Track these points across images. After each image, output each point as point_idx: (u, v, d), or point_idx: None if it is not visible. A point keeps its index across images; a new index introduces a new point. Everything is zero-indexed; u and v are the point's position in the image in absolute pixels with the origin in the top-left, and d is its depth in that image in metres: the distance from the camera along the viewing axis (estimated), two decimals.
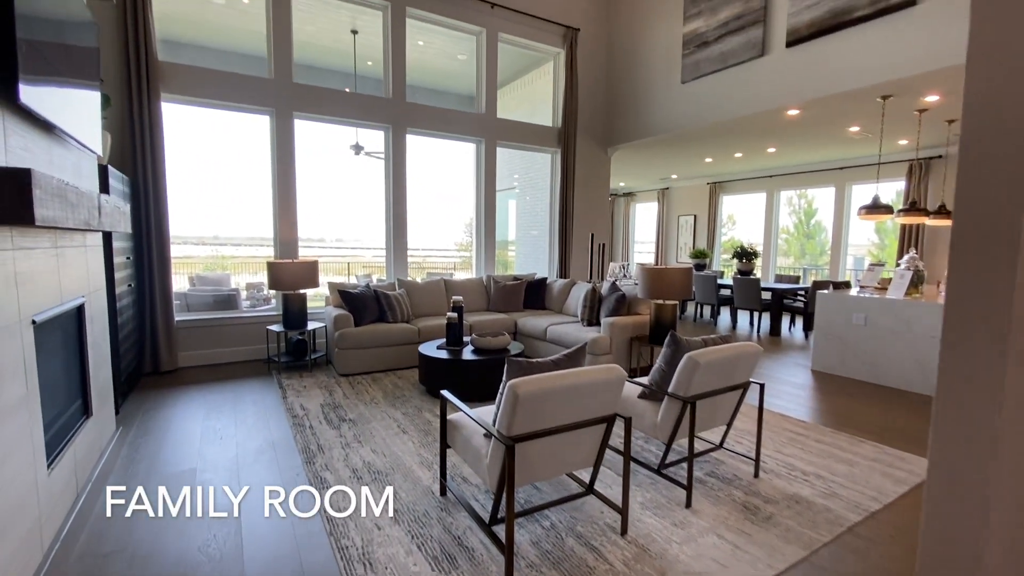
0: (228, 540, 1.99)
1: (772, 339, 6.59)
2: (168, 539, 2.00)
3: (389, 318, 4.64)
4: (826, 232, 12.81)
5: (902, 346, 4.25)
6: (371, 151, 7.26)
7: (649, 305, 4.22)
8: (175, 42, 6.99)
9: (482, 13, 5.84)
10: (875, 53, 4.16)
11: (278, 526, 2.09)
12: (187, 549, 1.94)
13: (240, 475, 2.54)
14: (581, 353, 2.08)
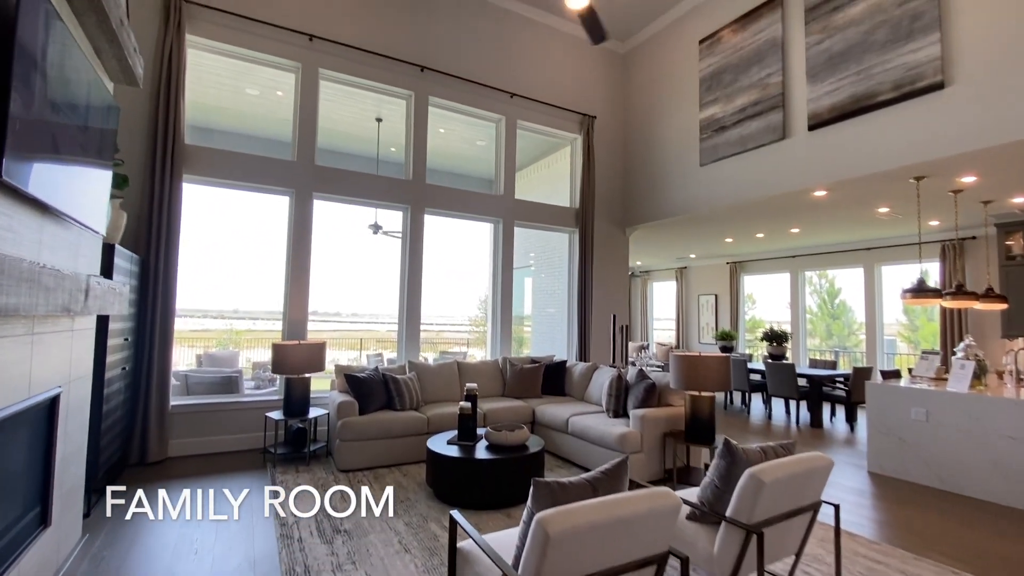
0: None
1: (814, 431, 6.01)
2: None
3: (397, 405, 4.29)
4: (852, 312, 12.37)
5: (973, 447, 3.74)
6: (389, 230, 7.28)
7: (682, 396, 3.83)
8: (205, 128, 7.34)
9: (501, 102, 6.02)
10: (905, 135, 4.06)
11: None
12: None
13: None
14: (622, 470, 1.71)
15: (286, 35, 4.80)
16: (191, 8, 4.39)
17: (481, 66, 5.89)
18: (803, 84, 4.81)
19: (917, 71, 3.95)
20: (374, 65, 5.24)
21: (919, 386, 4.15)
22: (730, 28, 5.56)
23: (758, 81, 5.23)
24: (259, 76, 5.59)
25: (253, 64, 4.92)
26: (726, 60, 5.60)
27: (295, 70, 4.96)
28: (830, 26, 4.59)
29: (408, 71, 5.41)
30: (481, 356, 10.94)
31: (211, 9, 4.46)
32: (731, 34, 5.55)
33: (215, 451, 4.39)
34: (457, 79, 5.67)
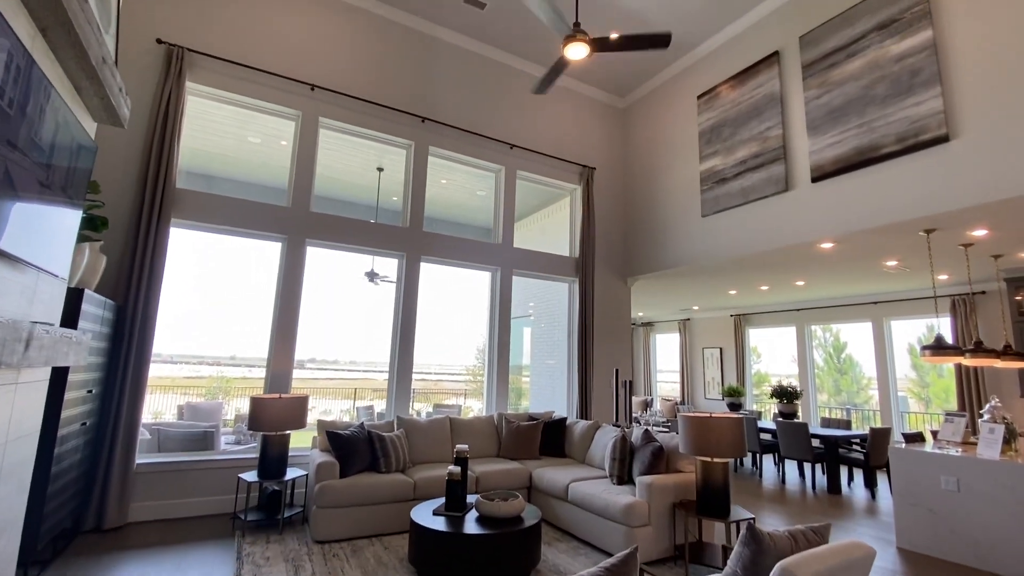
0: None
1: (832, 498, 5.59)
2: None
3: (382, 466, 3.96)
4: (860, 367, 12.01)
5: (1011, 520, 3.38)
6: (385, 275, 7.13)
7: (693, 461, 3.51)
8: (206, 175, 7.36)
9: (501, 153, 6.02)
10: (912, 187, 3.96)
11: None
12: None
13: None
14: (631, 567, 1.42)
15: (288, 84, 4.84)
16: (193, 56, 4.43)
17: (481, 117, 5.94)
18: (804, 137, 4.79)
19: (920, 124, 3.91)
20: (375, 115, 5.26)
21: (947, 451, 3.84)
22: (728, 84, 5.63)
23: (758, 134, 5.23)
24: (261, 124, 5.62)
25: (255, 112, 4.93)
26: (725, 114, 5.63)
27: (295, 118, 4.97)
28: (828, 81, 4.61)
29: (409, 121, 5.43)
30: (478, 407, 10.52)
31: (213, 58, 4.50)
32: (729, 90, 5.61)
33: (181, 516, 4.01)
34: (457, 130, 5.69)
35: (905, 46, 4.04)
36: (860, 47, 4.37)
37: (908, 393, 10.77)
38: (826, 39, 4.64)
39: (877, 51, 4.24)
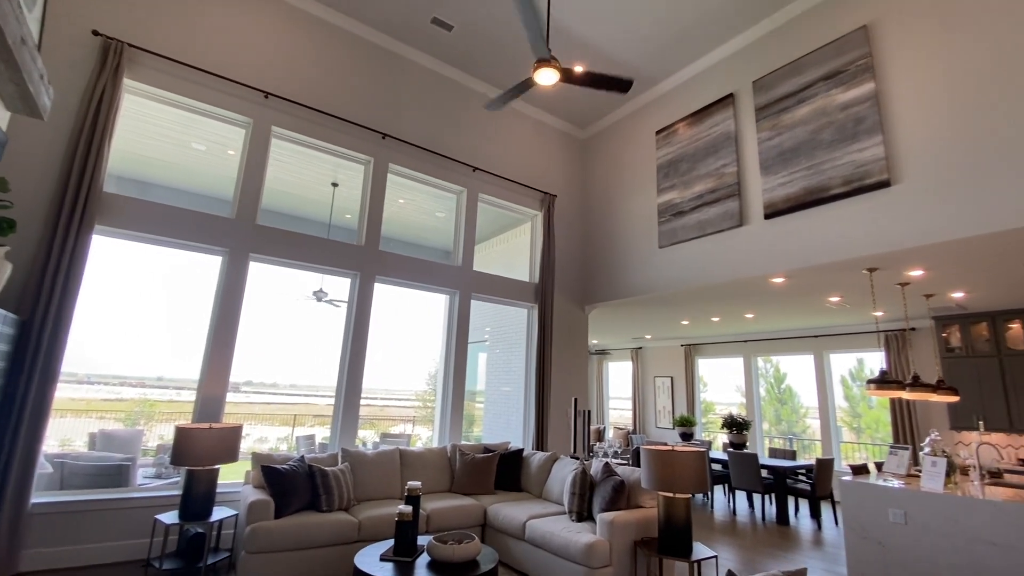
0: None
1: (781, 529, 5.65)
2: None
3: (323, 504, 3.61)
4: (798, 397, 12.56)
5: (955, 554, 3.47)
6: (333, 298, 6.78)
7: (654, 496, 3.41)
8: (142, 181, 6.82)
9: (464, 175, 5.93)
10: (857, 228, 4.16)
11: None
12: None
13: None
14: None
15: (239, 90, 4.56)
16: (134, 52, 4.10)
17: (445, 138, 5.84)
18: (757, 175, 4.98)
19: (865, 169, 4.14)
20: (333, 128, 5.05)
21: (893, 484, 3.94)
22: (685, 122, 5.83)
23: (714, 170, 5.40)
24: (207, 130, 5.27)
25: (201, 117, 4.60)
26: (683, 150, 5.81)
27: (246, 126, 4.67)
28: (779, 124, 4.84)
29: (368, 137, 5.25)
30: (427, 435, 10.10)
31: (157, 56, 4.17)
32: (686, 127, 5.81)
33: (83, 564, 3.48)
34: (419, 149, 5.56)
35: (850, 96, 4.31)
36: (809, 94, 4.62)
37: (841, 423, 11.32)
38: (778, 85, 4.89)
39: (824, 99, 4.50)
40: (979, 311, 6.14)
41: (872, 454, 8.81)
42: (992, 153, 3.53)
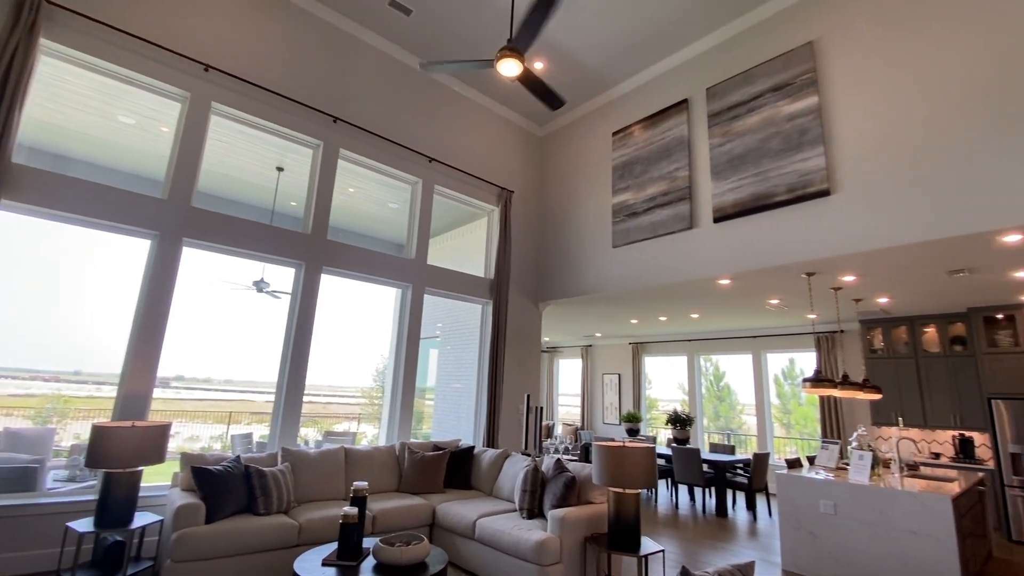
0: None
1: (720, 521, 5.89)
2: None
3: (261, 507, 3.40)
4: (735, 395, 13.22)
5: (880, 542, 3.73)
6: (276, 289, 6.43)
7: (605, 492, 3.44)
8: (60, 155, 6.19)
9: (420, 165, 5.77)
10: (799, 234, 4.37)
11: None
12: None
13: None
14: None
15: (176, 60, 4.20)
16: (52, 10, 3.68)
17: (400, 126, 5.66)
18: (708, 180, 5.14)
19: (807, 178, 4.35)
20: (280, 108, 4.76)
21: (824, 476, 4.18)
22: (641, 125, 5.93)
23: (667, 174, 5.53)
24: (137, 102, 4.82)
25: (131, 87, 4.20)
26: (638, 152, 5.91)
27: (182, 100, 4.32)
28: (730, 131, 5.01)
29: (319, 120, 4.99)
30: (374, 433, 9.82)
31: (80, 16, 3.77)
32: (642, 130, 5.92)
33: None
34: (373, 135, 5.35)
35: (796, 108, 4.51)
36: (758, 104, 4.81)
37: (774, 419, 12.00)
38: (730, 93, 5.06)
39: (773, 109, 4.69)
40: (900, 316, 6.64)
41: (801, 448, 9.38)
42: (909, 170, 3.80)
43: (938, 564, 3.45)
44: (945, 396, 6.19)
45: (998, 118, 3.46)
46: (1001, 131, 3.44)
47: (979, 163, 3.50)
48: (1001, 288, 5.09)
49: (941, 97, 3.75)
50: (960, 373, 6.12)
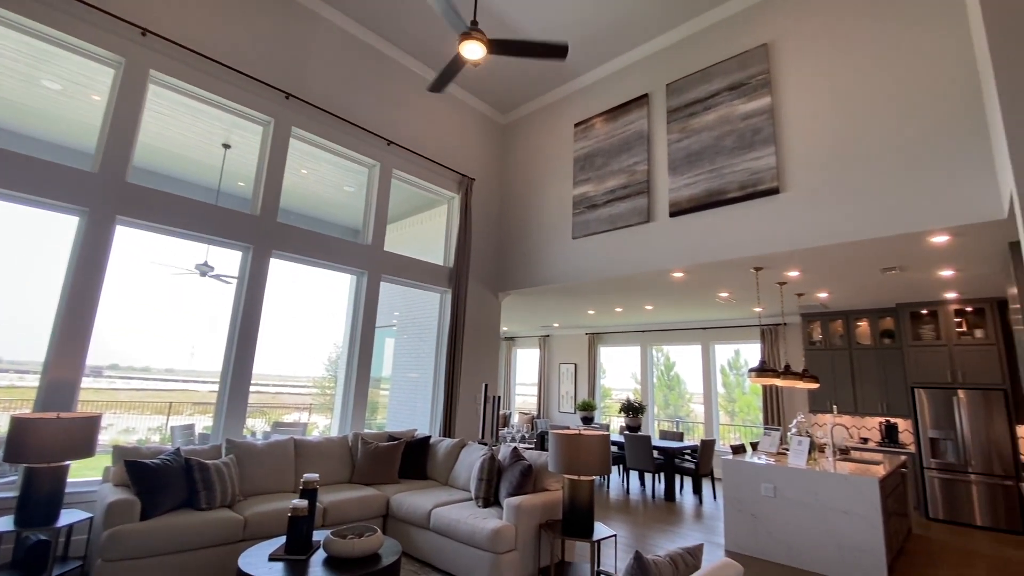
0: None
1: (668, 505, 6.11)
2: None
3: (203, 502, 3.23)
4: (684, 384, 13.75)
5: (814, 522, 3.97)
6: (221, 273, 6.10)
7: (560, 480, 3.48)
8: None
9: (378, 148, 5.59)
10: (749, 230, 4.54)
11: None
12: None
13: None
14: None
15: (109, 22, 3.86)
16: None
17: (359, 107, 5.45)
18: (665, 174, 5.24)
19: (759, 176, 4.51)
20: (228, 80, 4.47)
21: (765, 461, 4.40)
22: (602, 117, 5.98)
23: (627, 167, 5.61)
24: (65, 67, 4.41)
25: (57, 49, 3.83)
26: (599, 145, 5.96)
27: (116, 66, 3.98)
28: (688, 128, 5.13)
29: (270, 95, 4.74)
30: (326, 424, 9.57)
31: None
32: (603, 123, 5.96)
33: None
34: (329, 115, 5.13)
35: (750, 107, 4.66)
36: (715, 102, 4.94)
37: (720, 407, 12.58)
38: (688, 90, 5.17)
39: (728, 108, 4.83)
40: (837, 310, 7.05)
41: (744, 435, 9.86)
42: (851, 172, 4.01)
43: (866, 541, 3.71)
44: (874, 385, 6.64)
45: (930, 127, 3.70)
46: (932, 139, 3.67)
47: (912, 168, 3.73)
48: (927, 285, 5.48)
49: (880, 105, 3.96)
50: (888, 364, 6.58)
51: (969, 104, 3.56)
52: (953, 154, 3.57)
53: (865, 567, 3.68)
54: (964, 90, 3.60)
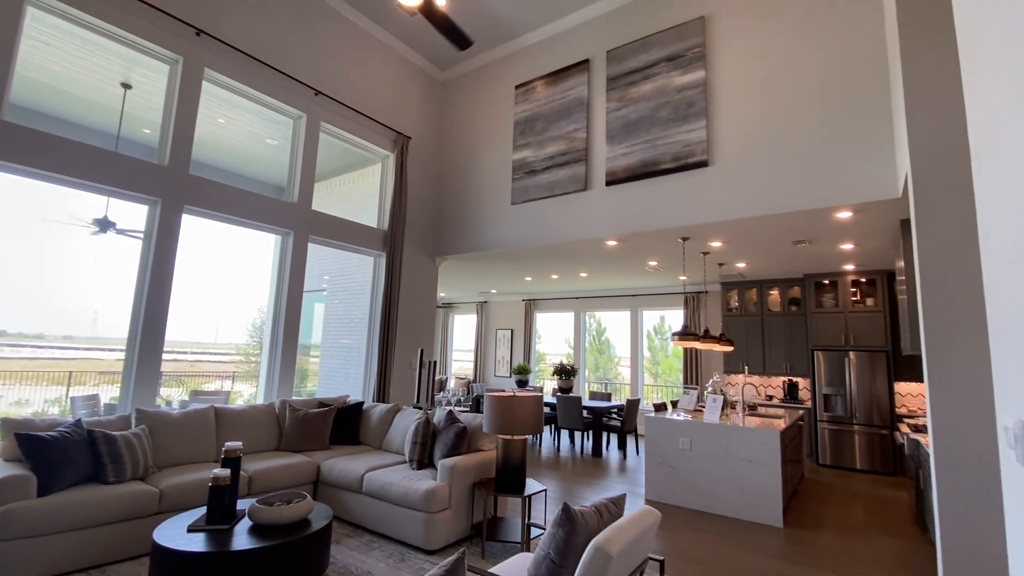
0: None
1: (595, 460, 6.47)
2: None
3: (111, 475, 3.00)
4: (614, 348, 14.45)
5: (723, 471, 4.36)
6: (126, 229, 5.53)
7: (494, 440, 3.56)
8: None
9: (304, 97, 5.19)
10: (679, 201, 4.72)
11: None
12: None
13: None
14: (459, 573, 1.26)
15: None
16: None
17: (282, 51, 5.01)
18: (603, 143, 5.30)
19: (690, 148, 4.67)
20: (127, 10, 3.93)
21: (683, 418, 4.74)
22: (543, 81, 5.90)
23: (566, 134, 5.60)
24: None
25: None
26: (539, 109, 5.89)
27: None
28: (626, 97, 5.18)
29: (178, 30, 4.23)
30: (251, 392, 9.14)
31: None
32: (544, 87, 5.88)
33: None
34: (248, 57, 4.68)
35: (686, 80, 4.77)
36: (653, 72, 5.00)
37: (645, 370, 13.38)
38: (628, 59, 5.20)
39: (665, 79, 4.92)
40: (753, 279, 7.59)
41: (666, 395, 10.54)
42: (771, 149, 4.25)
43: (766, 486, 4.14)
44: (781, 348, 7.29)
45: (843, 111, 3.97)
46: (844, 122, 3.95)
47: (825, 148, 4.01)
48: (830, 258, 6.01)
49: (799, 87, 4.19)
50: (793, 329, 7.23)
51: (879, 91, 3.85)
52: (861, 137, 3.87)
53: (765, 508, 4.12)
54: (875, 77, 3.88)
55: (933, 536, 3.30)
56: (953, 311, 2.83)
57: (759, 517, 4.14)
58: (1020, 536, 1.29)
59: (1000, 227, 1.26)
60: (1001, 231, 1.25)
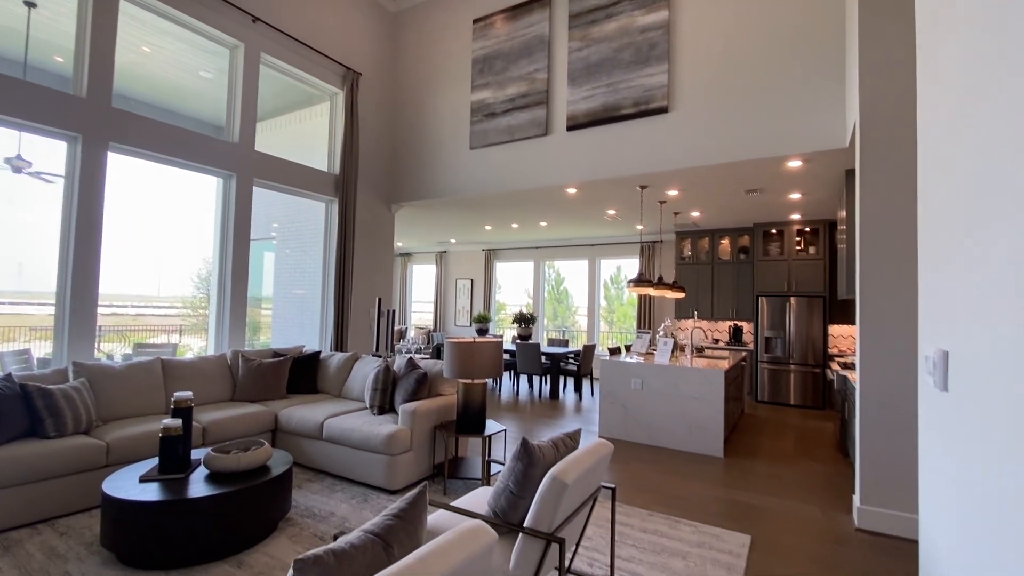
0: None
1: (553, 403, 6.72)
2: None
3: (50, 429, 2.86)
4: (572, 297, 14.78)
5: (671, 408, 4.63)
6: (43, 171, 5.02)
7: (455, 385, 3.61)
8: None
9: (241, 25, 4.73)
10: (639, 148, 4.71)
11: None
12: None
13: None
14: (420, 505, 1.29)
15: None
16: None
17: None
18: (564, 86, 5.15)
19: (651, 93, 4.62)
20: None
21: (636, 360, 4.95)
22: (503, 15, 5.60)
23: (527, 74, 5.40)
24: None
25: None
26: (499, 46, 5.62)
27: None
28: (588, 36, 5.00)
29: None
30: (200, 346, 8.83)
31: None
32: (504, 22, 5.59)
33: None
34: None
35: (649, 20, 4.64)
36: (617, 11, 4.83)
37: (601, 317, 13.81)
38: None
39: (628, 19, 4.76)
40: (705, 229, 7.81)
41: (620, 340, 10.95)
42: (728, 98, 4.26)
43: (709, 420, 4.43)
44: (729, 295, 7.65)
45: (800, 59, 3.99)
46: (800, 70, 3.99)
47: (781, 97, 4.05)
48: (779, 207, 6.23)
49: (758, 35, 4.16)
50: (742, 276, 7.57)
51: (835, 42, 3.88)
52: (814, 87, 3.93)
53: (707, 441, 4.44)
54: (832, 28, 3.89)
55: (853, 460, 3.66)
56: (888, 259, 3.02)
57: (703, 449, 4.46)
58: (930, 453, 1.44)
59: (941, 175, 1.31)
60: (941, 179, 1.31)
